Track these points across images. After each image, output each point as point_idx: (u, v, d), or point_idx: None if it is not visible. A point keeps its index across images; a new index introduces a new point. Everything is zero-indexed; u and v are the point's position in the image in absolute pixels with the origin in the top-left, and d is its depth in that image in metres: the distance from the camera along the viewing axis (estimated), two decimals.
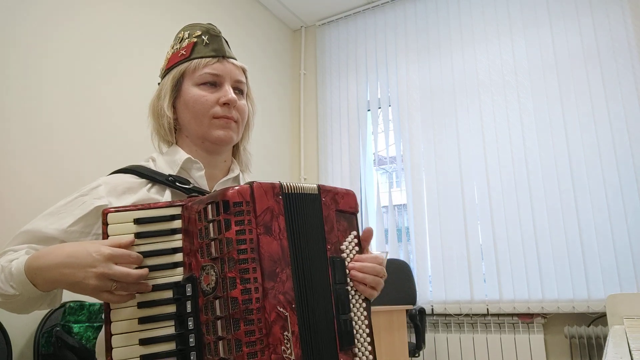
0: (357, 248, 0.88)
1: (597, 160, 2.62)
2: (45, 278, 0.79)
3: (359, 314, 0.84)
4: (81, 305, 1.76)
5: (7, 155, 1.81)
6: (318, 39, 3.75)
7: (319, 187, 0.85)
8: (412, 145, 3.17)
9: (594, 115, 2.67)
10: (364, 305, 0.85)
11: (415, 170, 3.13)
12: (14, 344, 1.69)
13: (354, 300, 0.84)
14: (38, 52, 1.97)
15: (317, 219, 0.84)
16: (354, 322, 0.83)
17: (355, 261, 0.87)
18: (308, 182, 0.85)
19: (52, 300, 0.91)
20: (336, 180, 3.38)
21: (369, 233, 0.92)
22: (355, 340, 0.81)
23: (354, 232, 0.89)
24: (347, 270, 0.85)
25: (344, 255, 0.86)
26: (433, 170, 3.07)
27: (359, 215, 0.94)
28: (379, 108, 3.40)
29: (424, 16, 3.30)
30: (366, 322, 0.84)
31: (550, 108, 2.79)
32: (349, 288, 0.85)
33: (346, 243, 0.87)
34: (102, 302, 0.76)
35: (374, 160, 3.47)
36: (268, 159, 3.28)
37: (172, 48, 1.06)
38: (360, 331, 0.83)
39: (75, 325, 1.69)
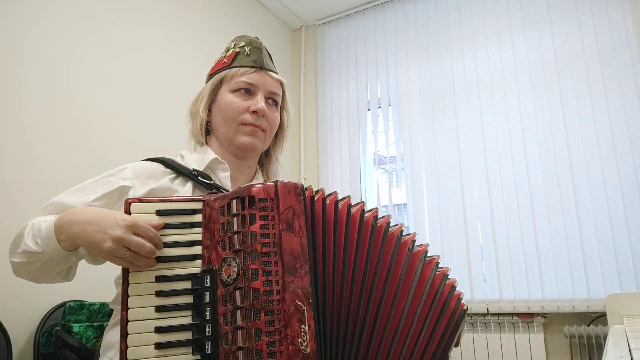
0: None
1: (597, 160, 2.62)
2: (70, 232, 0.83)
3: None
4: (81, 304, 1.76)
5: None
6: (318, 38, 3.75)
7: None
8: (412, 145, 3.17)
9: (594, 115, 2.67)
10: None
11: (415, 170, 3.13)
12: (14, 343, 1.69)
13: None
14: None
15: (424, 282, 0.92)
16: None
17: None
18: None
19: (67, 272, 0.96)
20: (336, 179, 3.37)
21: None
22: None
23: None
24: None
25: None
26: (433, 170, 3.07)
27: None
28: (379, 108, 3.40)
29: (424, 16, 3.30)
30: None
31: (550, 108, 2.79)
32: None
33: None
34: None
35: (374, 159, 3.47)
36: None
37: (219, 57, 1.14)
38: None
39: (76, 324, 1.69)
